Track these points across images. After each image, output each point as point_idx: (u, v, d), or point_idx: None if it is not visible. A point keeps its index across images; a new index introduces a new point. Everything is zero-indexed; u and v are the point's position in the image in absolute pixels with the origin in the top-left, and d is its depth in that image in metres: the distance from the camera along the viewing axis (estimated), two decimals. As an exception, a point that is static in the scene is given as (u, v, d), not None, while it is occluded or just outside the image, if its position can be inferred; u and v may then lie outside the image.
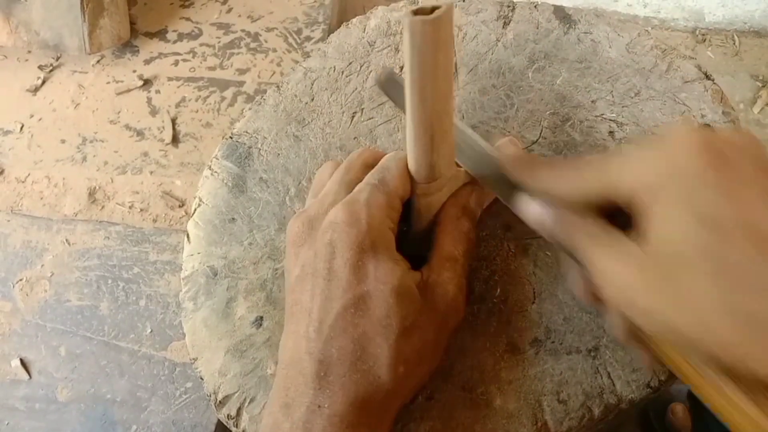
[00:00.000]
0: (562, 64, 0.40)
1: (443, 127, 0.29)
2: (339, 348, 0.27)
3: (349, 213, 0.29)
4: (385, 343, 0.27)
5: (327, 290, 0.28)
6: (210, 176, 0.42)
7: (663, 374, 0.32)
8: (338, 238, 0.29)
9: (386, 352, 0.27)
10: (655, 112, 0.37)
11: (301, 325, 0.29)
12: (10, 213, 0.70)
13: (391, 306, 0.28)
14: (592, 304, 0.30)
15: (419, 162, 0.31)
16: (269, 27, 0.81)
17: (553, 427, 0.31)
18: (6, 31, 0.78)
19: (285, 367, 0.29)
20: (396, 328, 0.28)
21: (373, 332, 0.27)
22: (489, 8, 0.43)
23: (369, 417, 0.27)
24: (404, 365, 0.28)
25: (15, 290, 0.65)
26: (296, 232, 0.31)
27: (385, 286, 0.28)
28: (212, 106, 0.75)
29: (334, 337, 0.27)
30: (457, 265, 0.31)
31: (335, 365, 0.27)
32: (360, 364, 0.27)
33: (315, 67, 0.44)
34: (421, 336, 0.29)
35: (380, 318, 0.28)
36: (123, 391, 0.59)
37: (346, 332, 0.27)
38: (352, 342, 0.27)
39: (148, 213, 0.68)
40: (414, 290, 0.29)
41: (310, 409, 0.27)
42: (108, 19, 0.79)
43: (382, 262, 0.28)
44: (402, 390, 0.29)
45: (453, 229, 0.32)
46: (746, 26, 1.13)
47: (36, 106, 0.78)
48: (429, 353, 0.30)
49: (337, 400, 0.27)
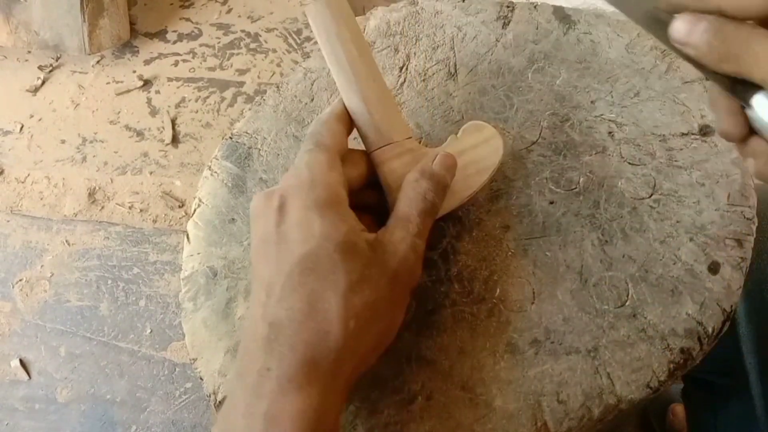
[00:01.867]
0: (562, 64, 0.40)
1: (372, 90, 0.33)
2: (288, 308, 0.27)
3: (293, 176, 0.30)
4: (333, 297, 0.27)
5: (278, 254, 0.29)
6: (210, 176, 0.42)
7: (663, 374, 0.32)
8: (285, 202, 0.30)
9: (334, 306, 0.27)
10: (654, 113, 0.37)
11: (255, 293, 0.29)
12: (10, 213, 0.70)
13: (336, 261, 0.28)
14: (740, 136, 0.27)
15: (364, 127, 0.34)
16: (269, 27, 0.81)
17: (552, 428, 0.31)
18: (6, 32, 0.78)
19: (243, 339, 0.29)
20: (342, 282, 0.28)
21: (321, 288, 0.27)
22: (489, 9, 0.43)
23: (320, 377, 0.27)
24: (355, 320, 0.28)
25: (15, 290, 0.65)
26: (256, 204, 0.32)
27: (329, 242, 0.28)
28: (212, 107, 0.75)
29: (284, 298, 0.28)
30: (410, 225, 0.31)
31: (285, 326, 0.27)
32: (309, 323, 0.27)
33: (315, 67, 0.44)
34: (372, 291, 0.28)
35: (326, 273, 0.28)
36: (123, 392, 0.59)
37: (295, 292, 0.28)
38: (301, 301, 0.27)
39: (148, 213, 0.68)
40: (360, 245, 0.29)
41: (260, 373, 0.27)
42: (108, 19, 0.79)
43: (327, 219, 0.29)
44: (357, 347, 0.28)
45: (410, 190, 0.32)
46: (746, 27, 1.13)
47: (36, 106, 0.79)
48: (383, 309, 0.29)
49: (285, 361, 0.27)
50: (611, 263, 0.34)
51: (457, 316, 0.34)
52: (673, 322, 0.32)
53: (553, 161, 0.37)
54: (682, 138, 0.36)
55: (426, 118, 0.40)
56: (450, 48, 0.42)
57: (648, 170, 0.36)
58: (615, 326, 0.32)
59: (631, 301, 0.33)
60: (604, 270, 0.34)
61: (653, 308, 0.32)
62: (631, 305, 0.33)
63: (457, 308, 0.34)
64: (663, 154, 0.36)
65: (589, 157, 0.37)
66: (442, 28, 0.43)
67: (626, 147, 0.36)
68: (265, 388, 0.26)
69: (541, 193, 0.36)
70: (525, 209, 0.36)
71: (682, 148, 0.36)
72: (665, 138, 0.36)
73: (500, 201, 0.37)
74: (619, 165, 0.36)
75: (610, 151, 0.37)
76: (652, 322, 0.32)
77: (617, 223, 0.35)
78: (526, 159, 0.37)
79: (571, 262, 0.34)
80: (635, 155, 0.36)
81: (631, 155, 0.36)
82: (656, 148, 0.36)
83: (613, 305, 0.33)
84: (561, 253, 0.35)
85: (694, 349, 0.32)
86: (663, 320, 0.32)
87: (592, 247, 0.34)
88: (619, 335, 0.32)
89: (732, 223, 0.34)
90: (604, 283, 0.34)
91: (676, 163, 0.36)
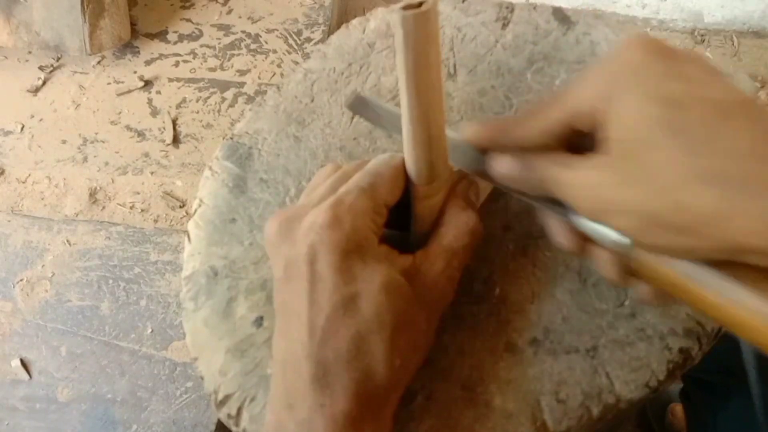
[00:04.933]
0: (561, 65, 0.40)
1: (438, 123, 0.29)
2: (334, 349, 0.27)
3: (332, 216, 0.28)
4: (380, 339, 0.27)
5: (313, 293, 0.28)
6: (210, 177, 0.42)
7: (662, 374, 0.32)
8: (319, 241, 0.28)
9: (381, 347, 0.27)
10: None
11: (292, 328, 0.29)
12: (11, 213, 0.70)
13: (382, 303, 0.28)
14: (576, 248, 0.29)
15: (419, 162, 0.30)
16: (269, 28, 0.81)
17: (552, 427, 0.31)
18: (6, 32, 0.78)
19: (282, 368, 0.29)
20: (389, 324, 0.28)
21: (366, 330, 0.27)
22: (488, 9, 0.43)
23: (371, 412, 0.28)
24: (400, 357, 0.28)
25: (16, 290, 0.65)
26: (274, 231, 0.30)
27: (373, 285, 0.28)
28: (213, 107, 0.75)
29: (328, 339, 0.27)
30: (455, 259, 0.30)
31: (332, 366, 0.27)
32: (356, 363, 0.27)
33: (315, 68, 0.44)
34: (413, 327, 0.29)
35: (372, 316, 0.28)
36: (123, 391, 0.59)
37: (338, 333, 0.27)
38: (346, 342, 0.27)
39: (149, 213, 0.68)
40: (403, 284, 0.29)
41: (312, 408, 0.27)
42: (108, 19, 0.79)
43: (368, 262, 0.28)
44: (400, 380, 0.29)
45: (458, 221, 0.31)
46: (745, 27, 1.13)
47: (37, 106, 0.79)
48: (421, 341, 0.30)
49: (337, 398, 0.27)
50: (610, 263, 0.34)
51: (457, 315, 0.34)
52: (672, 321, 0.32)
53: (553, 161, 0.37)
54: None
55: (426, 118, 0.40)
56: (449, 49, 0.42)
57: (647, 170, 0.36)
58: (614, 326, 0.33)
59: (630, 300, 0.33)
60: (603, 270, 0.34)
61: (652, 308, 0.33)
62: (630, 305, 0.33)
63: (457, 308, 0.34)
64: (662, 155, 0.36)
65: (588, 157, 0.37)
66: (441, 28, 0.43)
67: (625, 147, 0.37)
68: (319, 424, 0.27)
69: (541, 193, 0.36)
70: (524, 209, 0.36)
71: (681, 149, 0.36)
72: (664, 138, 0.36)
73: (500, 201, 0.37)
74: None
75: (609, 152, 0.37)
76: (651, 321, 0.32)
77: (616, 223, 0.35)
78: (525, 159, 0.37)
79: (570, 262, 0.34)
80: None
81: None
82: (655, 149, 0.36)
83: (612, 305, 0.33)
84: (560, 253, 0.35)
85: (693, 349, 0.32)
86: (662, 320, 0.32)
87: (592, 247, 0.35)
88: (618, 335, 0.32)
89: None
90: (603, 282, 0.34)
91: (675, 164, 0.36)
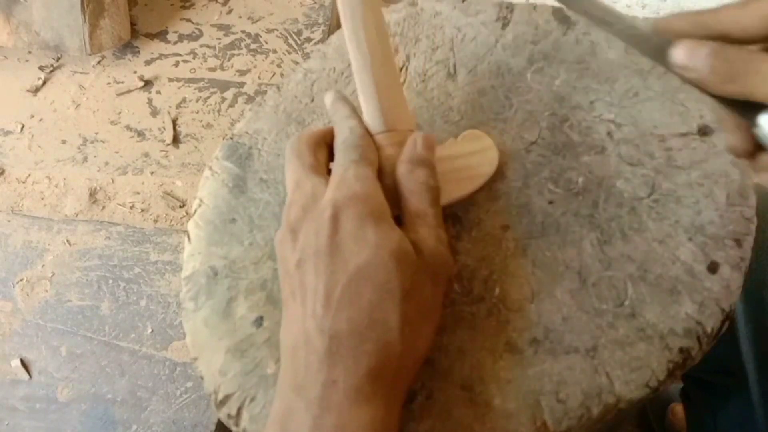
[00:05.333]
0: (561, 65, 0.40)
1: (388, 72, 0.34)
2: (348, 320, 0.27)
3: (345, 189, 0.30)
4: (391, 307, 0.28)
5: (332, 264, 0.28)
6: (210, 177, 0.42)
7: (662, 374, 0.32)
8: (340, 212, 0.29)
9: (393, 315, 0.27)
10: (653, 113, 0.37)
11: (307, 306, 0.29)
12: (11, 213, 0.70)
13: (391, 270, 0.28)
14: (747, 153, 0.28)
15: (370, 109, 0.34)
16: (269, 28, 0.81)
17: (552, 427, 0.31)
18: (6, 32, 0.78)
19: (292, 352, 0.29)
20: (398, 291, 0.28)
21: (378, 299, 0.28)
22: (488, 9, 0.43)
23: (385, 387, 0.27)
24: (410, 326, 0.28)
25: (15, 290, 0.65)
26: (294, 218, 0.31)
27: (383, 250, 0.28)
28: (213, 107, 0.75)
29: (342, 310, 0.27)
30: (428, 218, 0.31)
31: (346, 338, 0.27)
32: (369, 333, 0.27)
33: (315, 68, 0.44)
34: (421, 296, 0.29)
35: (382, 283, 0.28)
36: (123, 391, 0.59)
37: (353, 303, 0.28)
38: (360, 312, 0.27)
39: (149, 213, 0.68)
40: (411, 252, 0.29)
41: (325, 385, 0.27)
42: (108, 19, 0.79)
43: (380, 228, 0.29)
44: (410, 352, 0.29)
45: (410, 182, 0.32)
46: (745, 27, 1.13)
47: (36, 106, 0.79)
48: (428, 310, 0.30)
49: (351, 373, 0.27)
50: (610, 263, 0.34)
51: (457, 315, 0.34)
52: (672, 321, 0.32)
53: (552, 161, 0.37)
54: (681, 138, 0.36)
55: (425, 118, 0.41)
56: (449, 49, 0.42)
57: (647, 170, 0.36)
58: (614, 326, 0.33)
59: (630, 300, 0.33)
60: (603, 270, 0.34)
61: (652, 308, 0.33)
62: (630, 305, 0.33)
63: (457, 308, 0.34)
64: (662, 155, 0.36)
65: (588, 157, 0.37)
66: (441, 29, 0.43)
67: (625, 147, 0.37)
68: (333, 401, 0.26)
69: (540, 193, 0.36)
70: (524, 209, 0.36)
71: (681, 149, 0.36)
72: (664, 138, 0.36)
73: (499, 201, 0.37)
74: (618, 165, 0.36)
75: (609, 152, 0.37)
76: (651, 321, 0.32)
77: (616, 223, 0.35)
78: (525, 159, 0.37)
79: (570, 261, 0.34)
80: (634, 155, 0.36)
81: (629, 155, 0.36)
82: (655, 149, 0.36)
83: (612, 305, 0.33)
84: (560, 252, 0.35)
85: (693, 349, 0.32)
86: (662, 320, 0.32)
87: (591, 247, 0.35)
88: (618, 335, 0.32)
89: (731, 223, 0.34)
90: (603, 282, 0.34)
91: (675, 163, 0.36)
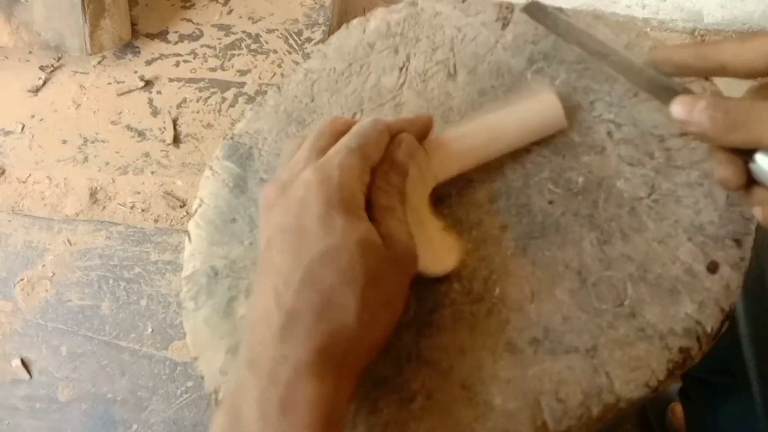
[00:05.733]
0: (561, 65, 0.40)
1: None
2: (307, 300, 0.28)
3: (322, 172, 0.30)
4: (351, 293, 0.28)
5: (297, 244, 0.29)
6: (211, 176, 0.42)
7: (662, 374, 0.32)
8: (309, 195, 0.30)
9: (352, 302, 0.28)
10: (653, 113, 0.37)
11: (270, 282, 0.29)
12: (12, 213, 0.70)
13: (356, 257, 0.28)
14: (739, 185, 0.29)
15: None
16: (270, 28, 0.81)
17: (552, 426, 0.31)
18: (7, 32, 0.79)
19: (251, 327, 0.29)
20: (360, 278, 0.28)
21: (339, 283, 0.28)
22: (488, 10, 0.43)
23: (334, 364, 0.28)
24: (368, 313, 0.28)
25: (16, 290, 0.65)
26: (269, 196, 0.32)
27: (349, 238, 0.29)
28: (213, 107, 0.76)
29: (302, 289, 0.28)
30: (398, 213, 0.32)
31: (302, 316, 0.28)
32: (326, 314, 0.28)
33: (315, 68, 0.44)
34: (384, 285, 0.29)
35: (345, 269, 0.28)
36: (124, 391, 0.59)
37: (314, 284, 0.28)
38: (320, 293, 0.28)
39: (150, 213, 0.68)
40: (378, 243, 0.30)
41: (275, 359, 0.27)
42: (109, 20, 0.79)
43: (349, 217, 0.29)
44: (366, 335, 0.29)
45: (383, 183, 0.32)
46: (745, 27, 1.13)
47: (37, 106, 0.79)
48: (391, 299, 0.30)
49: (301, 349, 0.27)
50: (610, 263, 0.34)
51: (457, 315, 0.34)
52: (672, 321, 0.32)
53: (552, 161, 0.37)
54: (680, 138, 0.36)
55: (426, 118, 0.41)
56: (449, 49, 0.42)
57: (646, 170, 0.36)
58: (614, 325, 0.33)
59: (629, 300, 0.33)
60: (602, 269, 0.34)
61: (652, 308, 0.33)
62: (629, 305, 0.33)
63: (457, 308, 0.34)
64: (661, 155, 0.36)
65: (587, 157, 0.37)
66: (441, 29, 0.43)
67: (625, 147, 0.37)
68: (281, 375, 0.27)
69: (540, 193, 0.36)
70: (524, 209, 0.36)
71: (681, 149, 0.36)
72: (664, 138, 0.36)
73: (499, 201, 0.37)
74: (617, 165, 0.36)
75: (608, 151, 0.37)
76: (651, 321, 0.32)
77: (616, 223, 0.35)
78: (525, 159, 0.38)
79: (569, 261, 0.34)
80: (634, 155, 0.36)
81: (629, 155, 0.36)
82: (655, 148, 0.36)
83: (611, 305, 0.33)
84: (560, 252, 0.35)
85: (693, 349, 0.32)
86: (662, 320, 0.32)
87: (591, 247, 0.35)
88: (618, 334, 0.32)
89: (731, 223, 0.34)
90: (603, 282, 0.34)
91: (675, 163, 0.36)
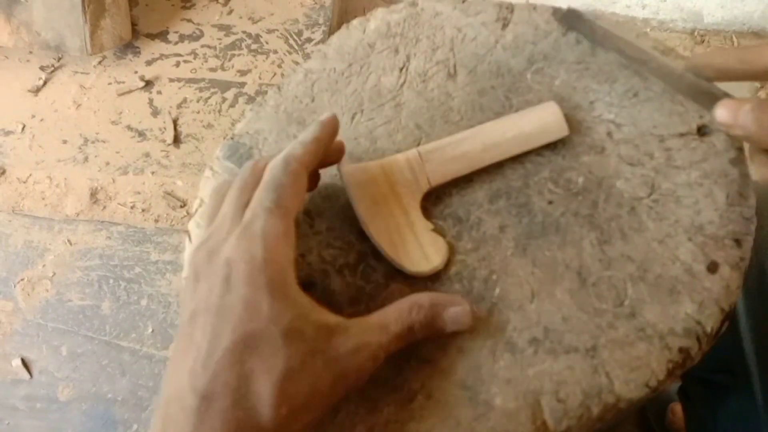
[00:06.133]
0: (561, 65, 0.40)
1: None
2: (224, 384, 0.27)
3: (245, 248, 0.28)
4: (269, 382, 0.27)
5: (218, 326, 0.27)
6: (211, 176, 0.42)
7: (662, 374, 0.32)
8: (234, 275, 0.28)
9: (269, 391, 0.27)
10: (653, 113, 0.37)
11: (188, 361, 0.28)
12: (12, 213, 0.70)
13: (279, 346, 0.27)
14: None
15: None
16: (270, 29, 0.82)
17: (552, 426, 0.31)
18: (7, 32, 0.79)
19: (165, 406, 0.28)
20: (281, 368, 0.27)
21: (259, 370, 0.27)
22: (488, 10, 0.43)
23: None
24: (287, 407, 0.27)
25: (16, 290, 0.65)
26: (197, 264, 0.30)
27: (275, 326, 0.27)
28: (213, 107, 0.76)
29: (220, 373, 0.27)
30: (385, 336, 0.30)
31: (218, 401, 0.26)
32: (243, 402, 0.26)
33: (315, 68, 0.44)
34: (312, 382, 0.28)
35: (267, 356, 0.27)
36: (124, 391, 0.59)
37: (233, 368, 0.27)
38: (238, 379, 0.27)
39: (150, 213, 0.69)
40: (308, 332, 0.28)
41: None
42: (109, 20, 0.79)
43: (276, 301, 0.28)
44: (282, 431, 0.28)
45: (403, 311, 0.31)
46: (745, 27, 1.13)
47: (37, 106, 0.79)
48: (317, 403, 0.28)
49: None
50: (610, 263, 0.34)
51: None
52: (672, 321, 0.32)
53: (552, 161, 0.37)
54: (680, 138, 0.36)
55: (426, 118, 0.41)
56: (450, 49, 0.42)
57: (646, 170, 0.36)
58: (614, 325, 0.33)
59: (629, 300, 0.33)
60: (602, 270, 0.34)
61: (652, 308, 0.33)
62: (629, 305, 0.33)
63: (457, 307, 0.34)
64: (661, 155, 0.36)
65: (587, 157, 0.37)
66: (441, 29, 0.43)
67: (625, 147, 0.37)
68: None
69: (540, 193, 0.37)
70: (524, 209, 0.36)
71: (681, 149, 0.36)
72: (663, 138, 0.36)
73: (499, 201, 0.37)
74: (617, 165, 0.36)
75: (608, 152, 0.37)
76: (651, 321, 0.32)
77: (616, 223, 0.35)
78: (524, 159, 0.38)
79: (569, 261, 0.35)
80: (634, 155, 0.36)
81: (629, 155, 0.36)
82: (654, 149, 0.36)
83: (611, 305, 0.33)
84: (560, 252, 0.35)
85: (693, 349, 0.32)
86: (662, 320, 0.32)
87: (591, 247, 0.35)
88: (617, 334, 0.32)
89: (731, 223, 0.34)
90: (603, 282, 0.34)
91: (675, 163, 0.36)
